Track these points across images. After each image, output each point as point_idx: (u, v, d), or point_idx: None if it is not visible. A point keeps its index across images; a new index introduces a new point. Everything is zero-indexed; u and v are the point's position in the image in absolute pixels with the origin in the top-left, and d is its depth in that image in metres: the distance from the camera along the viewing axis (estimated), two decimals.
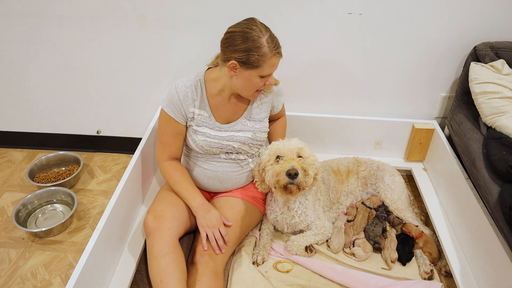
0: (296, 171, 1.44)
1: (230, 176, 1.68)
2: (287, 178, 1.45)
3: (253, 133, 1.63)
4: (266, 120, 1.68)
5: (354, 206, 1.86)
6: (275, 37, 1.44)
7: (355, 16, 1.85)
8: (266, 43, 1.40)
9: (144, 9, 1.89)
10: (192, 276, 1.45)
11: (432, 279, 1.59)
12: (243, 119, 1.64)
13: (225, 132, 1.61)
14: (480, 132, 1.69)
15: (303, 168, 1.48)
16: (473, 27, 1.84)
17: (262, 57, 1.40)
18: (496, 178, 1.47)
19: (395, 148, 2.16)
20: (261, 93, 1.65)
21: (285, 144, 1.53)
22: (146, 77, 2.12)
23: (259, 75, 1.45)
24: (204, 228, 1.52)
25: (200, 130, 1.60)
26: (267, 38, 1.41)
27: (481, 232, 1.49)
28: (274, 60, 1.44)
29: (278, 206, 1.68)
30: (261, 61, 1.41)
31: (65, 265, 1.74)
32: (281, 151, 1.51)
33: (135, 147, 1.84)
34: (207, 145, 1.60)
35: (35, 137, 2.42)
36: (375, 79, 2.03)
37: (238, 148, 1.63)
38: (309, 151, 1.55)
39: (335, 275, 1.58)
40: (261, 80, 1.47)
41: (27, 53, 2.09)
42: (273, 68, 1.46)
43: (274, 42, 1.43)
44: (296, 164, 1.46)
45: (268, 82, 1.50)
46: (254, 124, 1.64)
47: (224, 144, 1.61)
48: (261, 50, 1.39)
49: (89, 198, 2.11)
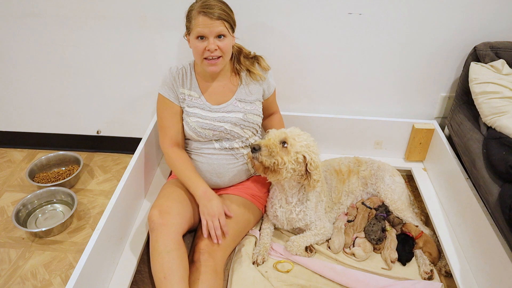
0: (256, 146, 1.49)
1: (226, 169, 1.69)
2: (250, 152, 1.52)
3: (244, 114, 1.66)
4: (257, 103, 1.71)
5: (354, 206, 1.87)
6: (211, 2, 1.47)
7: (355, 16, 1.85)
8: (195, 5, 1.49)
9: (144, 9, 1.90)
10: (192, 274, 1.45)
11: (432, 279, 1.59)
12: (234, 100, 1.67)
13: (216, 113, 1.65)
14: (480, 132, 1.69)
15: (268, 146, 1.49)
16: (473, 27, 1.83)
17: (191, 18, 1.49)
18: (496, 178, 1.47)
19: (395, 148, 2.16)
20: (248, 78, 1.69)
21: (280, 130, 1.56)
22: (146, 77, 2.12)
23: (193, 37, 1.50)
24: (205, 216, 1.54)
25: (191, 111, 1.65)
26: (200, 2, 1.48)
27: (481, 232, 1.49)
28: (200, 19, 1.46)
29: (277, 198, 1.69)
30: (190, 23, 1.50)
31: (65, 265, 1.74)
32: (270, 134, 1.55)
33: (135, 147, 1.84)
34: (199, 126, 1.64)
35: (35, 137, 2.42)
36: (375, 79, 2.03)
37: (230, 130, 1.65)
38: (304, 142, 1.53)
39: (335, 275, 1.58)
40: (200, 43, 1.50)
41: (27, 53, 2.09)
42: (200, 27, 1.47)
43: (204, 4, 1.47)
44: (264, 142, 1.50)
45: (208, 46, 1.49)
46: (245, 106, 1.68)
47: (216, 126, 1.64)
48: (191, 12, 1.50)
49: (89, 198, 2.11)
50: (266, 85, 1.74)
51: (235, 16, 1.57)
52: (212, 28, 1.47)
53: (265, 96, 1.77)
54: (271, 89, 1.77)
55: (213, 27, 1.47)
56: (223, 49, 1.52)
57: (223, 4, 1.51)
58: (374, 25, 1.86)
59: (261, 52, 1.97)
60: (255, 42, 1.94)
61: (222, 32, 1.49)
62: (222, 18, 1.47)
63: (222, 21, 1.48)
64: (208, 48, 1.49)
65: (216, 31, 1.48)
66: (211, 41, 1.48)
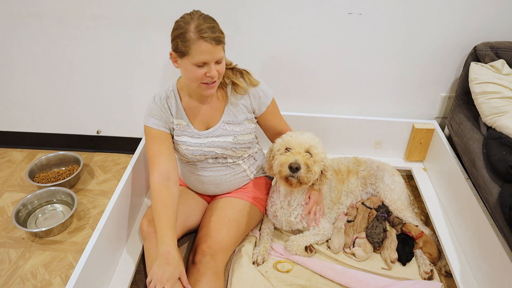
0: (298, 166, 1.45)
1: (223, 179, 1.68)
2: (288, 170, 1.47)
3: (234, 137, 1.59)
4: (246, 122, 1.61)
5: (354, 207, 1.86)
6: (207, 24, 1.35)
7: (355, 16, 1.85)
8: (192, 29, 1.33)
9: (144, 9, 1.89)
10: (192, 276, 1.45)
11: (432, 279, 1.59)
12: (222, 123, 1.58)
13: (205, 138, 1.58)
14: (480, 132, 1.69)
15: (307, 164, 1.48)
16: (473, 27, 1.84)
17: (187, 43, 1.34)
18: (496, 178, 1.47)
19: (395, 148, 2.16)
20: (234, 94, 1.57)
21: (298, 137, 1.53)
22: (146, 77, 2.11)
23: (191, 63, 1.37)
24: (152, 276, 1.35)
25: (180, 140, 1.58)
26: (195, 25, 1.34)
27: (481, 232, 1.49)
28: (202, 46, 1.33)
29: (280, 199, 1.69)
30: (187, 47, 1.34)
31: (65, 265, 1.74)
32: (290, 143, 1.52)
33: (135, 147, 1.85)
34: (189, 153, 1.59)
35: (35, 137, 2.42)
36: (375, 79, 2.03)
37: (221, 153, 1.61)
38: (321, 148, 1.55)
39: (335, 275, 1.58)
40: (199, 70, 1.38)
41: (27, 53, 2.09)
42: (203, 55, 1.35)
43: (201, 28, 1.33)
44: (300, 158, 1.47)
45: (209, 73, 1.39)
46: (234, 128, 1.59)
47: (206, 151, 1.59)
48: (186, 36, 1.34)
49: (89, 198, 2.11)
50: (254, 97, 1.60)
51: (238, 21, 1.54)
52: (214, 55, 1.36)
53: (259, 110, 1.63)
54: (265, 101, 1.61)
55: (216, 54, 1.36)
56: (220, 72, 1.43)
57: (216, 23, 1.40)
58: (374, 25, 1.86)
59: (261, 52, 1.98)
60: (255, 42, 1.94)
61: (222, 57, 1.40)
62: (222, 42, 1.38)
63: (222, 45, 1.39)
64: (209, 75, 1.39)
65: (218, 57, 1.38)
66: (213, 68, 1.38)
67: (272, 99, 1.64)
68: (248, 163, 1.72)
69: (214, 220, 1.61)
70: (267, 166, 1.66)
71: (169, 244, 1.38)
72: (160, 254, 1.37)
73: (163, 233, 1.40)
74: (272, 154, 1.60)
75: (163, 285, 1.33)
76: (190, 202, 1.70)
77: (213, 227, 1.58)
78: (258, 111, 1.63)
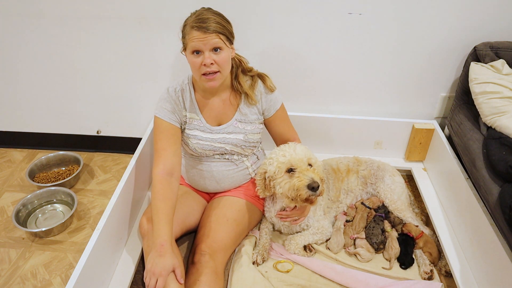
0: (318, 184, 1.42)
1: (225, 175, 1.68)
2: (310, 191, 1.42)
3: (245, 135, 1.62)
4: (257, 122, 1.65)
5: (353, 207, 1.86)
6: (203, 16, 1.41)
7: (355, 16, 1.85)
8: (189, 20, 1.44)
9: (144, 9, 1.90)
10: (192, 275, 1.45)
11: (432, 279, 1.59)
12: (234, 120, 1.62)
13: (216, 134, 1.61)
14: (480, 132, 1.69)
15: (321, 178, 1.47)
16: (473, 27, 1.83)
17: (186, 33, 1.44)
18: (496, 178, 1.47)
19: (395, 148, 2.16)
20: (249, 96, 1.59)
21: (295, 154, 1.48)
22: (146, 77, 2.12)
23: (189, 53, 1.45)
24: (146, 269, 1.38)
25: (191, 133, 1.60)
26: (194, 16, 1.43)
27: (481, 232, 1.49)
28: (193, 33, 1.40)
29: (274, 208, 1.68)
30: (185, 38, 1.46)
31: (65, 265, 1.74)
32: (292, 163, 1.46)
33: (135, 147, 1.85)
34: (200, 147, 1.60)
35: (35, 137, 2.42)
36: (375, 79, 2.03)
37: (230, 150, 1.63)
38: (314, 155, 1.54)
39: (335, 275, 1.58)
40: (196, 58, 1.42)
41: (27, 53, 2.09)
42: (194, 41, 1.40)
43: (197, 18, 1.41)
44: (314, 175, 1.43)
45: (204, 61, 1.41)
46: (246, 126, 1.63)
47: (216, 146, 1.61)
48: (186, 28, 1.45)
49: (89, 198, 2.11)
50: (267, 100, 1.63)
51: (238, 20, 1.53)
52: (206, 41, 1.40)
53: (268, 112, 1.66)
54: (274, 105, 1.65)
55: (207, 40, 1.39)
56: (219, 62, 1.43)
57: (217, 16, 1.44)
58: (374, 25, 1.86)
59: (261, 52, 1.98)
60: (255, 42, 1.94)
61: (217, 45, 1.41)
62: (217, 31, 1.40)
63: (217, 34, 1.40)
64: (204, 63, 1.42)
65: (211, 44, 1.40)
66: (207, 55, 1.41)
67: (281, 104, 1.68)
68: (251, 160, 1.73)
69: (213, 219, 1.61)
70: (261, 188, 1.56)
71: (164, 237, 1.39)
72: (154, 246, 1.39)
73: (159, 226, 1.41)
74: (268, 178, 1.53)
75: (156, 277, 1.34)
76: (189, 201, 1.70)
77: (212, 227, 1.58)
78: (267, 113, 1.66)
